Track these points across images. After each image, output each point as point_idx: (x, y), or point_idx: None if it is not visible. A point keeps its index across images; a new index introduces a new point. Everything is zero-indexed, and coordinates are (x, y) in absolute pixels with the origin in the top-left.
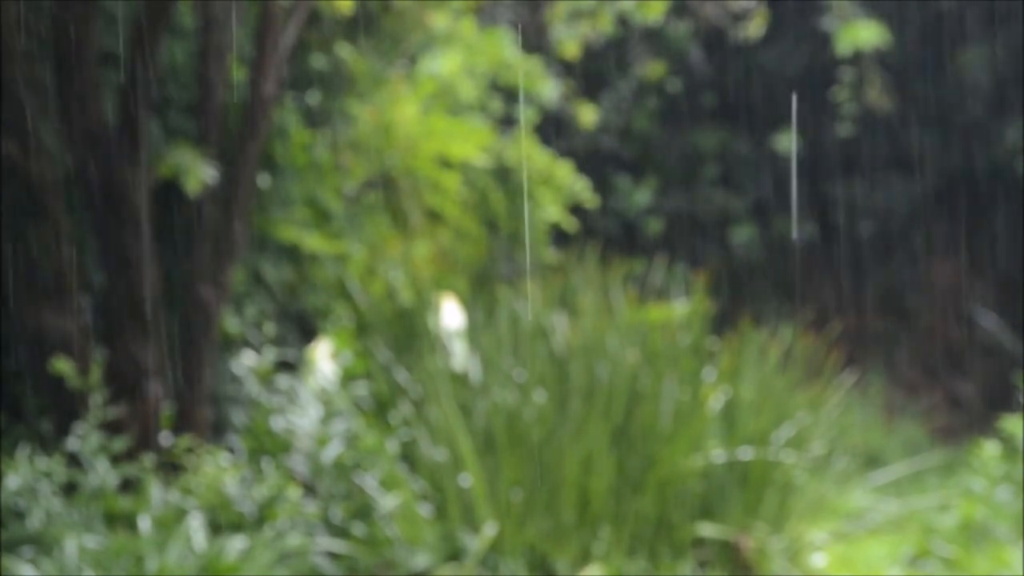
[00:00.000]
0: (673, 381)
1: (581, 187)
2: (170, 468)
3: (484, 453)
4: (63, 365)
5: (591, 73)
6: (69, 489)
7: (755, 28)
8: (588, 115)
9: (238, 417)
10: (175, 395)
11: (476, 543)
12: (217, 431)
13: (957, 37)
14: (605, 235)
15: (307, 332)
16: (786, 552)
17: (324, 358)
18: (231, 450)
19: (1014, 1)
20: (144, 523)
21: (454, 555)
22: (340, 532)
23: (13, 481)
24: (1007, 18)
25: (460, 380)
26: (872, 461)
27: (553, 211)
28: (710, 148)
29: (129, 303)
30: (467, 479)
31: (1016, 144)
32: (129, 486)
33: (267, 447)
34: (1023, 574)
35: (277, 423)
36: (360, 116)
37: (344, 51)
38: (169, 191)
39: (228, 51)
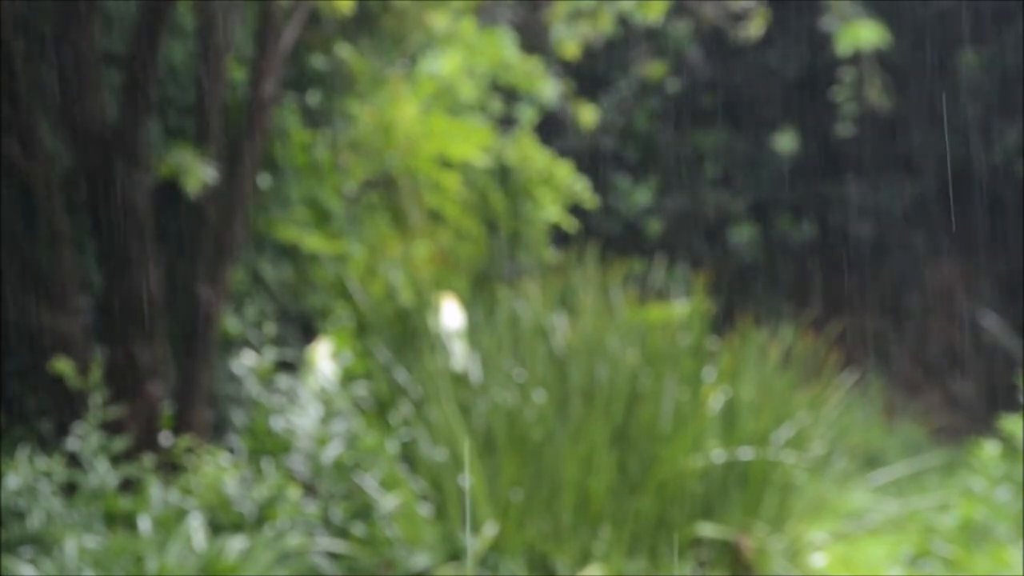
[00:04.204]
0: (673, 381)
1: (581, 187)
2: (170, 468)
3: (484, 453)
4: (63, 365)
5: (591, 73)
6: (69, 489)
7: (755, 28)
8: (588, 115)
9: (238, 417)
10: (175, 395)
11: (476, 543)
12: (217, 431)
13: (957, 37)
14: (605, 235)
15: (307, 332)
16: (786, 552)
17: (324, 358)
18: (231, 450)
19: (1014, 1)
20: (144, 523)
21: (454, 555)
22: (340, 532)
23: (13, 481)
24: (1007, 18)
25: (460, 380)
26: (872, 461)
27: (553, 211)
28: (710, 148)
29: (129, 303)
30: (467, 479)
31: (1016, 144)
32: (129, 486)
33: (267, 447)
34: (1023, 574)
35: (277, 423)
36: (360, 116)
37: (344, 51)
38: (169, 191)
39: (228, 51)
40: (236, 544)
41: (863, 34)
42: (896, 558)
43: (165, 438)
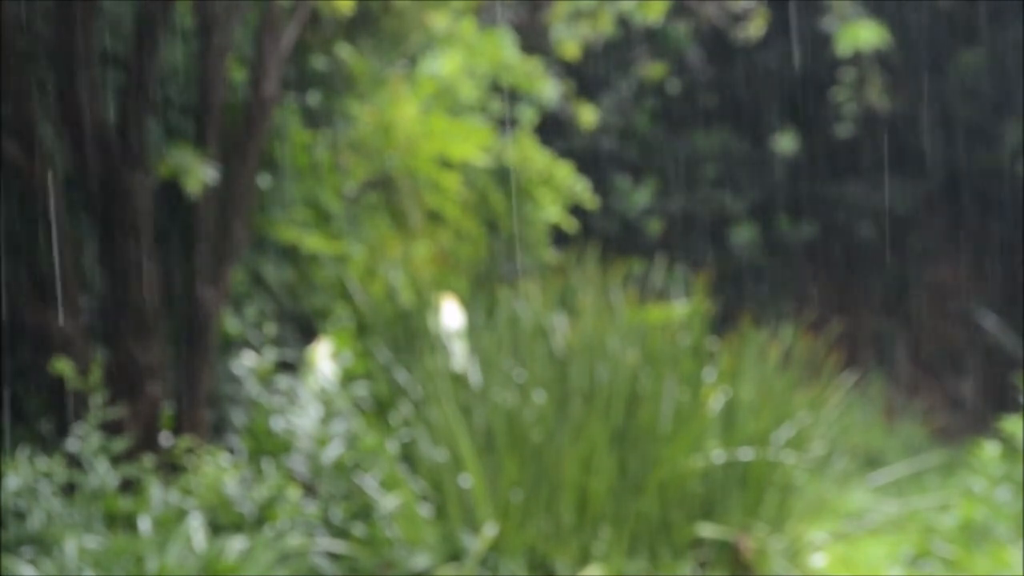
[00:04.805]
0: (673, 381)
1: (581, 187)
2: (170, 468)
3: (484, 453)
4: (63, 365)
5: (591, 73)
6: (69, 489)
7: (755, 28)
8: (588, 115)
9: (238, 417)
10: (175, 395)
11: (476, 543)
12: (217, 431)
13: (957, 37)
14: (605, 235)
15: (307, 332)
16: (786, 552)
17: (324, 358)
18: (231, 450)
19: (1014, 1)
20: (144, 523)
21: (454, 555)
22: (340, 532)
23: (13, 481)
24: (1006, 18)
25: (460, 380)
26: (872, 461)
27: (553, 211)
28: (710, 148)
29: (129, 303)
30: (467, 479)
31: (1016, 144)
32: (129, 486)
33: (267, 447)
34: (1023, 574)
35: (277, 423)
36: (360, 116)
37: (344, 51)
38: (169, 191)
39: (228, 51)
40: (236, 544)
41: (863, 34)
42: (896, 558)
43: (165, 438)
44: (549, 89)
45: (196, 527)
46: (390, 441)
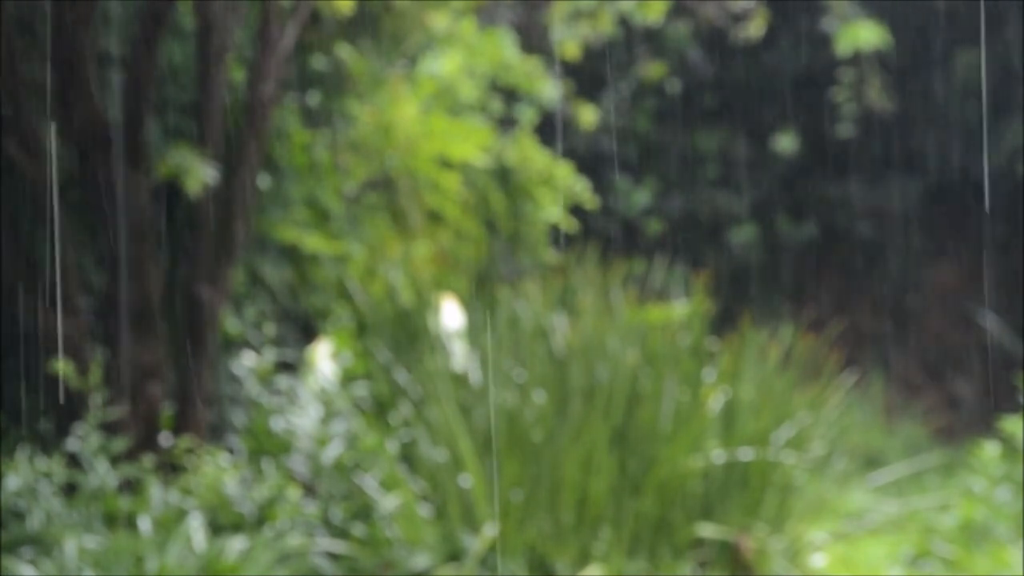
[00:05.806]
0: (673, 382)
1: (581, 188)
2: (170, 469)
3: (484, 453)
4: (63, 365)
5: (591, 73)
6: (69, 490)
7: (755, 28)
8: (588, 115)
9: (238, 418)
10: (175, 396)
11: (476, 543)
12: (217, 432)
13: (957, 37)
14: (605, 236)
15: (307, 332)
16: (786, 552)
17: (324, 358)
18: (231, 451)
19: (1013, 1)
20: (144, 523)
21: (454, 555)
22: (340, 532)
23: (13, 482)
24: (1006, 18)
25: (460, 380)
26: (872, 461)
27: (553, 211)
28: (710, 148)
29: (129, 304)
30: (467, 479)
31: (1016, 145)
32: (129, 487)
33: (267, 448)
34: (1023, 574)
35: (277, 423)
36: (360, 116)
37: (344, 51)
38: (169, 191)
39: (228, 52)
40: (236, 544)
41: (863, 34)
42: (896, 558)
43: (165, 438)
44: (549, 89)
45: (196, 527)
46: (390, 441)
